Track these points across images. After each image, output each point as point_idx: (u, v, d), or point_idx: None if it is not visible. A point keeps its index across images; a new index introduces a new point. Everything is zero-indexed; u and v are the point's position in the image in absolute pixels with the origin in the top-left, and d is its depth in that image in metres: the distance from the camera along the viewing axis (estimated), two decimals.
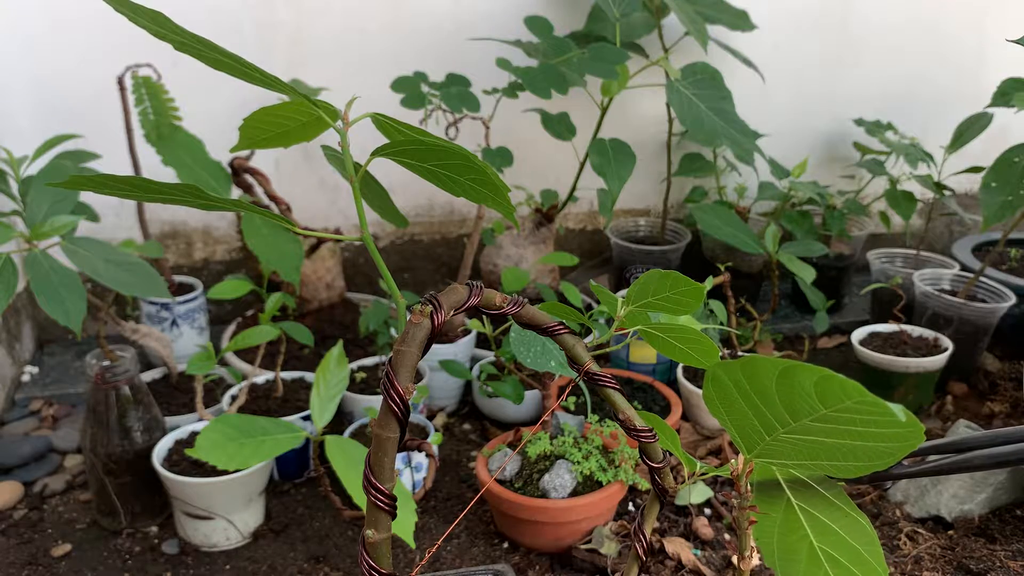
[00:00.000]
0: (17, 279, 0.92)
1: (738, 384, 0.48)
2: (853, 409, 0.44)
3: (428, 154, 0.56)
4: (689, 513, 1.14)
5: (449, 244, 1.76)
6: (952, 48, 1.89)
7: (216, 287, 1.19)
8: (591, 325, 0.68)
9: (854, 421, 0.45)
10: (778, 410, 0.47)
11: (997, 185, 1.31)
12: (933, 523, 1.12)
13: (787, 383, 0.45)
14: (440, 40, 1.58)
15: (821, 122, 1.88)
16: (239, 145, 0.67)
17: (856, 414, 0.44)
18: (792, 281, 1.78)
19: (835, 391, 0.44)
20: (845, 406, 0.44)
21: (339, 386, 1.05)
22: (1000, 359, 1.55)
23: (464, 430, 1.36)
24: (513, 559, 1.06)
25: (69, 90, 1.44)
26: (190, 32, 0.53)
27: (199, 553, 1.07)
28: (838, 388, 0.43)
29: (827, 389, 0.44)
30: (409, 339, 0.46)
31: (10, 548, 1.07)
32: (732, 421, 0.51)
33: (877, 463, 0.48)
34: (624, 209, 1.85)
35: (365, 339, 1.47)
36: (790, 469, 0.52)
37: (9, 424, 1.33)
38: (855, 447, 0.47)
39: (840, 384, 0.43)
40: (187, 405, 1.26)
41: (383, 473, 0.46)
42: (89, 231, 1.41)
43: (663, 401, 1.30)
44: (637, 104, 1.72)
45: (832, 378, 0.43)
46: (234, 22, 1.49)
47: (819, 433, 0.47)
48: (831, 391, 0.44)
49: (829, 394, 0.44)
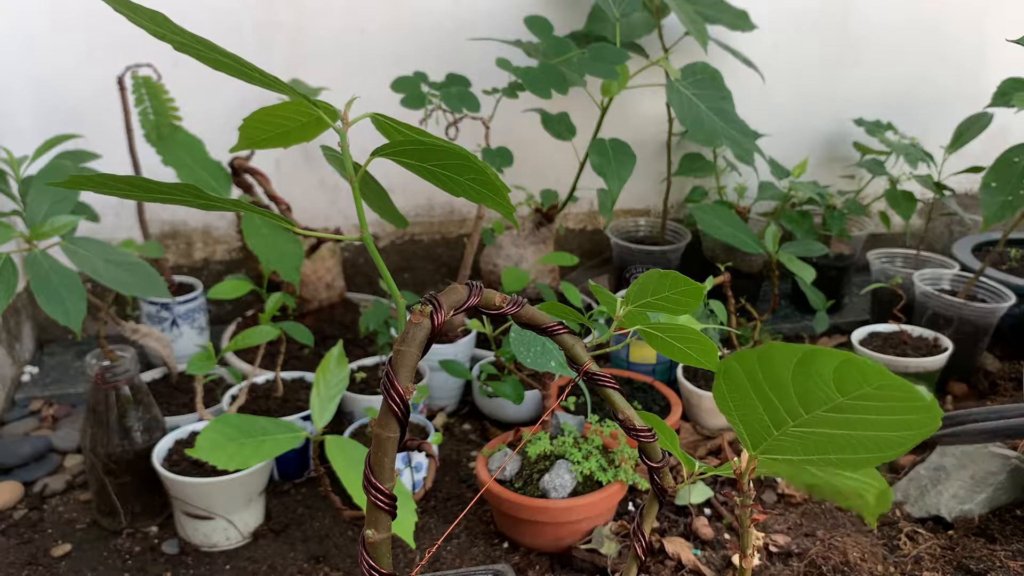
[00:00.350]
0: (17, 279, 0.92)
1: (752, 375, 0.48)
2: (871, 396, 0.44)
3: (428, 154, 0.56)
4: (689, 513, 1.14)
5: (449, 244, 1.76)
6: (952, 48, 1.89)
7: (216, 287, 1.19)
8: (591, 325, 0.68)
9: (869, 409, 0.45)
10: (791, 401, 0.47)
11: (997, 185, 1.31)
12: (933, 523, 1.12)
13: (805, 370, 0.45)
14: (440, 40, 1.58)
15: (821, 122, 1.88)
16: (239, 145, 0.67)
17: (873, 401, 0.44)
18: (792, 281, 1.77)
19: (855, 376, 0.43)
20: (863, 393, 0.44)
21: (339, 386, 1.05)
22: (1000, 359, 1.55)
23: (464, 430, 1.36)
24: (513, 559, 1.06)
25: (69, 90, 1.44)
26: (189, 32, 0.53)
27: (199, 553, 1.07)
28: (858, 373, 0.43)
29: (847, 374, 0.44)
30: (409, 339, 0.46)
31: (10, 548, 1.07)
32: (740, 416, 0.50)
33: (886, 454, 0.48)
34: (624, 209, 1.85)
35: (365, 339, 1.47)
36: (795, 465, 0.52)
37: (9, 424, 1.33)
38: (866, 438, 0.47)
39: (860, 368, 0.43)
40: (187, 405, 1.26)
41: (383, 473, 0.46)
42: (89, 231, 1.41)
43: (663, 401, 1.30)
44: (637, 104, 1.72)
45: (853, 362, 0.43)
46: (234, 22, 1.49)
47: (830, 425, 0.47)
48: (851, 376, 0.44)
49: (848, 380, 0.44)
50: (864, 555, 1.03)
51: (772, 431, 0.50)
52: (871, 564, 1.02)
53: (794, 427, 0.48)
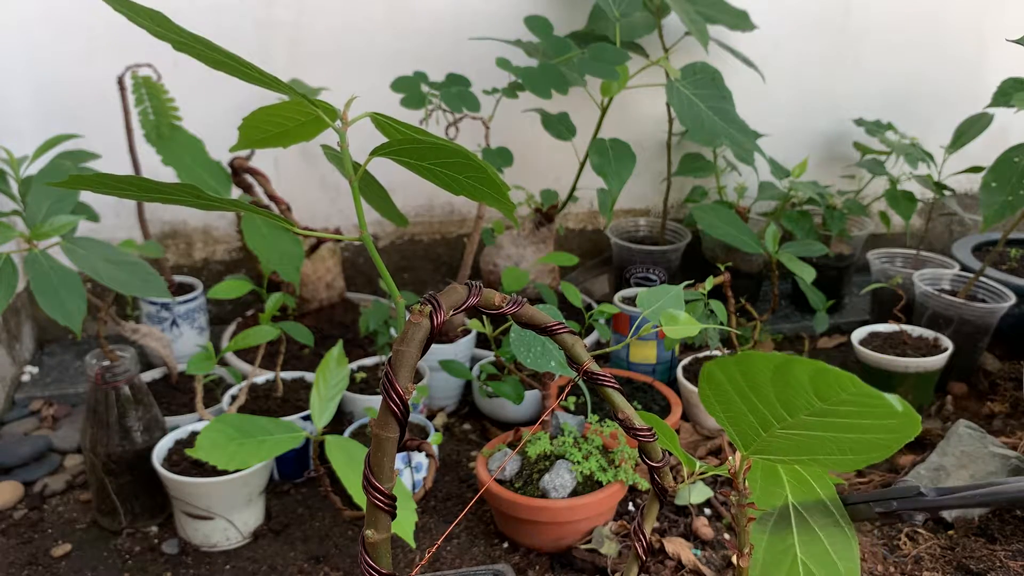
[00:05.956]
0: (17, 279, 0.92)
1: (733, 381, 0.48)
2: (849, 402, 0.44)
3: (428, 153, 0.56)
4: (689, 513, 1.14)
5: (449, 244, 1.76)
6: (952, 48, 1.89)
7: (216, 287, 1.19)
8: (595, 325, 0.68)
9: (850, 414, 0.45)
10: (774, 406, 0.47)
11: (997, 185, 1.31)
12: (933, 523, 1.12)
13: (783, 378, 0.46)
14: (440, 40, 1.58)
15: (821, 122, 1.88)
16: (239, 145, 0.67)
17: (853, 407, 0.44)
18: (792, 281, 1.77)
19: (831, 384, 0.44)
20: (842, 399, 0.44)
21: (339, 386, 1.05)
22: (1000, 359, 1.55)
23: (464, 430, 1.36)
24: (513, 559, 1.06)
25: (69, 90, 1.44)
26: (189, 31, 0.53)
27: (199, 553, 1.07)
28: (834, 381, 0.43)
29: (823, 383, 0.44)
30: (409, 339, 0.46)
31: (10, 548, 1.07)
32: (728, 418, 0.51)
33: (873, 456, 0.48)
34: (624, 209, 1.85)
35: (365, 339, 1.47)
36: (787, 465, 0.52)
37: (9, 424, 1.33)
38: (851, 440, 0.47)
39: (836, 377, 0.43)
40: (187, 405, 1.26)
41: (383, 473, 0.46)
42: (89, 231, 1.41)
43: (663, 401, 1.30)
44: (637, 104, 1.72)
45: (827, 371, 0.43)
46: (234, 22, 1.49)
47: (816, 428, 0.47)
48: (827, 384, 0.44)
49: (825, 388, 0.44)
50: (864, 555, 1.03)
51: (760, 433, 0.50)
52: (871, 564, 1.02)
53: (781, 429, 0.49)
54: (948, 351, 1.40)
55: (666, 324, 0.90)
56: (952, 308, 1.46)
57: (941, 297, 1.48)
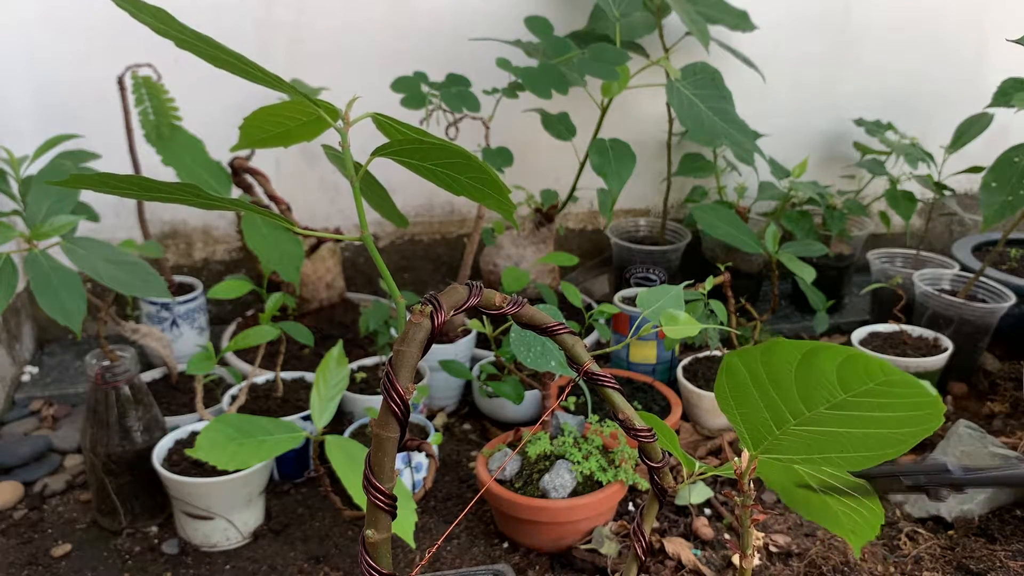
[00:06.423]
0: (17, 279, 0.92)
1: (754, 373, 0.47)
2: (874, 392, 0.43)
3: (428, 153, 0.56)
4: (689, 513, 1.14)
5: (449, 244, 1.76)
6: (952, 48, 1.89)
7: (216, 287, 1.19)
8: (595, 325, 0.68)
9: (872, 406, 0.44)
10: (793, 399, 0.47)
11: (997, 185, 1.31)
12: (933, 523, 1.12)
13: (808, 367, 0.45)
14: (440, 40, 1.58)
15: (821, 122, 1.88)
16: (239, 144, 0.67)
17: (876, 397, 0.44)
18: (792, 281, 1.77)
19: (859, 372, 0.43)
20: (866, 389, 0.43)
21: (339, 386, 1.05)
22: (1000, 359, 1.55)
23: (464, 430, 1.36)
24: (513, 559, 1.06)
25: (69, 90, 1.44)
26: (192, 29, 0.53)
27: (199, 553, 1.07)
28: (862, 369, 0.43)
29: (851, 370, 0.43)
30: (409, 339, 0.46)
31: (10, 548, 1.07)
32: (741, 415, 0.50)
33: (886, 452, 0.48)
34: (624, 209, 1.84)
35: (365, 339, 1.47)
36: (796, 465, 0.52)
37: (9, 424, 1.33)
38: (867, 435, 0.47)
39: (865, 364, 0.43)
40: (187, 405, 1.26)
41: (383, 473, 0.46)
42: (89, 231, 1.41)
43: (663, 401, 1.30)
44: (637, 104, 1.72)
45: (857, 357, 0.43)
46: (234, 21, 1.49)
47: (832, 423, 0.47)
48: (855, 372, 0.43)
49: (852, 376, 0.43)
50: (864, 555, 1.03)
51: (773, 430, 0.50)
52: (871, 564, 1.02)
53: (795, 425, 0.48)
54: (948, 351, 1.40)
55: (666, 324, 0.90)
56: (952, 308, 1.46)
57: (941, 297, 1.48)
